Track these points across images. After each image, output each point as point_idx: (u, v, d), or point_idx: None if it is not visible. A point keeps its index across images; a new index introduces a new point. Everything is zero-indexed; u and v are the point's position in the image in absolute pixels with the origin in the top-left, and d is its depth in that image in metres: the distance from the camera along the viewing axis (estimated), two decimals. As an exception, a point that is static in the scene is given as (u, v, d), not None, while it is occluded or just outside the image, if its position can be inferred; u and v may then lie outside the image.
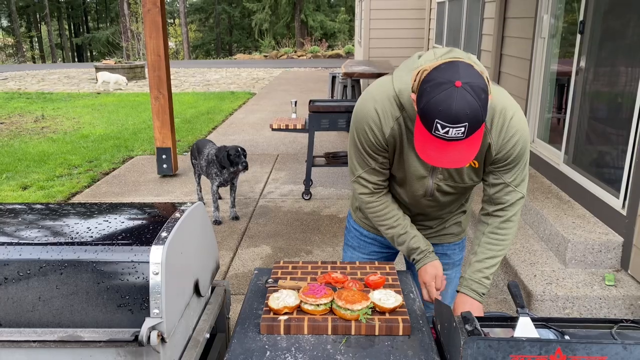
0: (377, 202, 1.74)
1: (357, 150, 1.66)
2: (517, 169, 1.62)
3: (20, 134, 8.23)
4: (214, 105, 10.90)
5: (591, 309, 2.99)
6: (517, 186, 1.65)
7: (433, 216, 1.84)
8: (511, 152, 1.57)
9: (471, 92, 1.30)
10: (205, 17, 38.35)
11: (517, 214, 1.69)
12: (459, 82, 1.30)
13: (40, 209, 1.75)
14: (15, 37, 35.47)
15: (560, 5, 4.48)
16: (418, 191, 1.71)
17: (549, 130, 4.73)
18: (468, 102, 1.29)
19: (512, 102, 1.58)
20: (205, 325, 1.64)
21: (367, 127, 1.59)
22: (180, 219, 1.53)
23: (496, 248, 1.69)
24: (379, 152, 1.63)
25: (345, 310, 1.42)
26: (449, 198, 1.75)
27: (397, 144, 1.61)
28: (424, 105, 1.33)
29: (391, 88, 1.57)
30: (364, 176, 1.70)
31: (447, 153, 1.38)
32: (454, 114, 1.29)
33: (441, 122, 1.31)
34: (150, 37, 5.28)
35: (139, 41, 23.34)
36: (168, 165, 5.74)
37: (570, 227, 3.42)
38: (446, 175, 1.65)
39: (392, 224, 1.75)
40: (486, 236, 1.70)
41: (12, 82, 15.53)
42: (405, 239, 1.75)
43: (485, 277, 1.68)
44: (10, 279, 1.36)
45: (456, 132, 1.32)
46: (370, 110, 1.58)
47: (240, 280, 3.56)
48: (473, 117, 1.31)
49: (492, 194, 1.67)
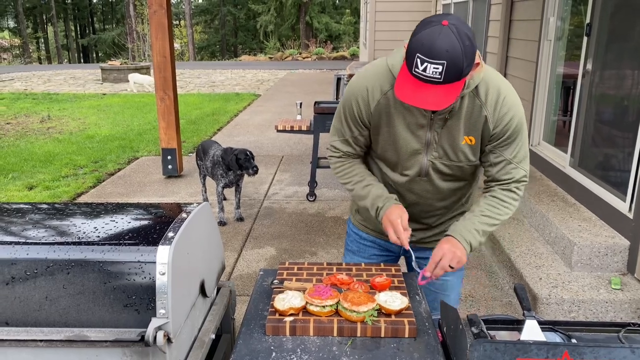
0: (345, 162, 1.79)
1: (338, 119, 1.74)
2: (516, 144, 1.63)
3: (26, 134, 8.27)
4: (219, 106, 10.92)
5: (597, 313, 2.98)
6: (519, 163, 1.66)
7: (432, 207, 1.80)
8: (508, 126, 1.59)
9: (456, 33, 1.35)
10: (211, 19, 38.47)
11: (520, 189, 1.69)
12: (446, 21, 1.36)
13: (47, 208, 1.76)
14: (22, 38, 35.67)
15: (567, 7, 4.47)
16: (412, 169, 1.69)
17: (554, 133, 4.71)
18: (450, 41, 1.34)
19: (506, 83, 1.63)
20: (210, 325, 1.64)
21: (354, 101, 1.67)
22: (187, 220, 1.53)
23: (493, 210, 1.67)
24: (358, 125, 1.69)
25: (351, 312, 1.42)
26: (446, 183, 1.73)
27: (384, 118, 1.64)
28: (411, 41, 1.40)
29: (384, 64, 1.64)
30: (336, 144, 1.77)
31: (422, 93, 1.41)
32: (435, 48, 1.34)
33: (421, 56, 1.36)
34: (156, 38, 5.30)
35: (144, 42, 23.43)
36: (173, 166, 5.75)
37: (576, 230, 3.41)
38: (441, 152, 1.65)
39: (357, 180, 1.76)
40: (487, 198, 1.70)
41: (19, 82, 15.61)
42: (369, 189, 1.73)
43: (476, 229, 1.64)
44: (17, 278, 1.37)
45: (434, 70, 1.36)
46: (360, 86, 1.65)
47: (244, 281, 3.56)
48: (452, 57, 1.35)
49: (495, 173, 1.67)
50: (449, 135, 1.62)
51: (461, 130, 1.62)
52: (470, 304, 3.25)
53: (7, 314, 1.37)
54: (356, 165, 1.78)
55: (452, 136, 1.62)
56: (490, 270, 3.69)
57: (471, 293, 3.38)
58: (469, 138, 1.62)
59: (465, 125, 1.61)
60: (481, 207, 1.69)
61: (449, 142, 1.63)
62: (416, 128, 1.63)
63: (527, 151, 1.68)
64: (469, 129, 1.62)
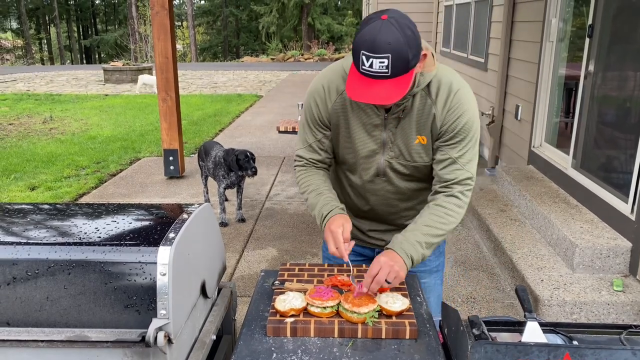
0: (307, 171, 1.77)
1: (301, 125, 1.75)
2: (464, 145, 1.59)
3: (28, 135, 8.28)
4: (221, 107, 10.93)
5: (599, 315, 2.97)
6: (465, 164, 1.60)
7: (397, 208, 1.78)
8: (456, 124, 1.56)
9: (396, 25, 1.37)
10: (213, 20, 38.51)
11: (464, 193, 1.61)
12: (385, 15, 1.38)
13: (48, 209, 1.76)
14: (25, 39, 35.76)
15: (569, 9, 4.46)
16: (370, 170, 1.70)
17: (556, 135, 4.70)
18: (392, 33, 1.36)
19: (460, 80, 1.61)
20: (211, 326, 1.64)
21: (312, 101, 1.68)
22: (188, 220, 1.53)
23: (436, 219, 1.59)
24: (319, 127, 1.70)
25: (352, 313, 1.41)
26: (406, 183, 1.72)
27: (342, 118, 1.65)
28: (355, 40, 1.41)
29: (339, 65, 1.65)
30: (301, 153, 1.77)
31: (372, 89, 1.42)
32: (377, 43, 1.35)
33: (365, 52, 1.38)
34: (158, 39, 5.31)
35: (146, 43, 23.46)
36: (175, 166, 5.76)
37: (578, 231, 3.40)
38: (397, 152, 1.65)
39: (312, 189, 1.73)
40: (429, 208, 1.62)
41: (21, 83, 15.65)
42: (319, 198, 1.69)
43: (418, 242, 1.55)
44: (18, 278, 1.37)
45: (380, 64, 1.37)
46: (318, 86, 1.67)
47: (246, 282, 3.56)
48: (396, 49, 1.36)
49: (438, 171, 1.63)
50: (403, 135, 1.63)
51: (413, 129, 1.62)
52: (471, 305, 3.25)
53: (8, 314, 1.38)
54: (315, 175, 1.75)
55: (406, 135, 1.63)
56: (492, 272, 3.68)
57: (472, 295, 3.38)
58: (421, 137, 1.62)
59: (417, 124, 1.61)
60: (424, 218, 1.61)
61: (404, 142, 1.63)
62: (371, 128, 1.63)
63: (476, 154, 1.63)
64: (420, 128, 1.61)
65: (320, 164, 1.76)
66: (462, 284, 3.51)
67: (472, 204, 4.50)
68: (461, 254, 3.97)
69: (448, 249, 4.05)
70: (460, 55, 7.96)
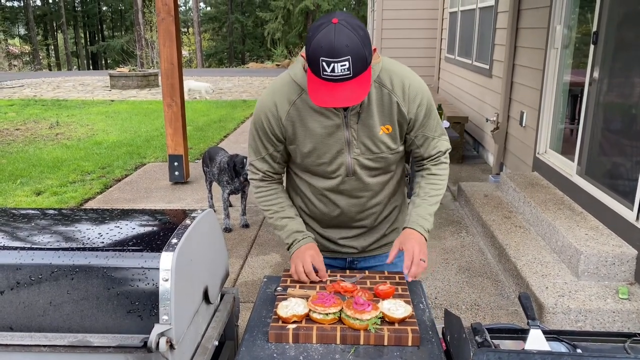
0: (265, 187, 1.80)
1: (252, 138, 1.76)
2: (433, 120, 1.73)
3: (35, 140, 8.33)
4: (226, 113, 10.97)
5: (604, 323, 2.95)
6: (441, 136, 1.77)
7: (366, 206, 1.79)
8: (421, 107, 1.67)
9: (348, 26, 1.39)
10: (219, 26, 38.71)
11: (447, 158, 1.81)
12: (335, 19, 1.40)
13: (53, 214, 1.77)
14: (32, 45, 36.06)
15: (574, 15, 4.46)
16: (339, 171, 1.70)
17: (561, 141, 4.69)
18: (347, 35, 1.38)
19: (406, 67, 1.70)
20: (214, 332, 1.64)
21: (263, 116, 1.69)
22: (191, 226, 1.54)
23: (436, 187, 1.77)
24: (271, 141, 1.71)
25: (354, 320, 1.41)
26: (374, 179, 1.74)
27: (299, 127, 1.66)
28: (310, 48, 1.42)
29: (286, 75, 1.68)
30: (255, 164, 1.78)
31: (338, 92, 1.43)
32: (335, 46, 1.38)
33: (325, 58, 1.39)
34: (164, 45, 5.34)
35: (152, 49, 23.60)
36: (180, 172, 5.77)
37: (583, 239, 3.39)
38: (362, 148, 1.67)
39: (276, 210, 1.79)
40: (425, 179, 1.79)
41: (28, 89, 15.76)
42: (287, 222, 1.77)
43: (429, 213, 1.74)
44: (22, 283, 1.37)
45: (342, 67, 1.39)
46: (268, 102, 1.68)
47: (249, 288, 3.56)
48: (354, 50, 1.39)
49: (423, 153, 1.77)
50: (366, 129, 1.65)
51: (376, 121, 1.65)
52: (475, 312, 3.23)
53: (11, 319, 1.38)
54: (277, 194, 1.80)
55: (369, 129, 1.65)
56: (496, 279, 3.67)
57: (477, 302, 3.36)
58: (385, 127, 1.66)
59: (379, 115, 1.65)
60: (425, 189, 1.77)
61: (368, 136, 1.65)
62: (333, 129, 1.64)
63: (441, 123, 1.78)
64: (383, 119, 1.65)
65: (275, 176, 1.80)
66: (466, 291, 3.49)
67: (477, 210, 4.49)
68: (465, 261, 3.95)
69: (452, 255, 4.04)
70: (464, 61, 7.96)
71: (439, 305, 3.30)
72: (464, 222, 4.68)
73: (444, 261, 3.94)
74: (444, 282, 3.62)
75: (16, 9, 38.25)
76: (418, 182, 1.81)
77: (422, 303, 1.63)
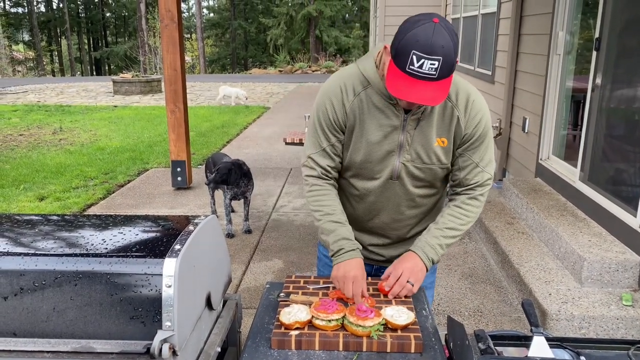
0: (321, 186, 1.72)
1: (313, 129, 1.69)
2: (484, 148, 1.67)
3: (38, 146, 8.36)
4: (229, 119, 10.99)
5: (608, 330, 2.94)
6: (485, 167, 1.69)
7: (403, 216, 1.76)
8: (477, 128, 1.63)
9: (447, 29, 1.39)
10: (222, 33, 38.86)
11: (484, 195, 1.72)
12: (437, 19, 1.39)
13: (56, 220, 1.77)
14: (36, 51, 36.25)
15: (576, 22, 4.47)
16: (384, 172, 1.67)
17: (564, 147, 4.69)
18: (444, 37, 1.38)
19: (472, 86, 1.67)
20: (216, 338, 1.64)
21: (327, 102, 1.64)
22: (194, 232, 1.54)
23: (458, 221, 1.69)
24: (334, 130, 1.66)
25: (357, 327, 1.41)
26: (417, 189, 1.71)
27: (358, 119, 1.63)
28: (402, 39, 1.40)
29: (355, 68, 1.66)
30: (314, 157, 1.70)
31: (417, 89, 1.42)
32: (431, 44, 1.37)
33: (418, 52, 1.38)
34: (168, 51, 5.37)
35: (156, 55, 23.68)
36: (182, 178, 5.78)
37: (586, 245, 3.38)
38: (414, 155, 1.64)
39: (328, 212, 1.69)
40: (450, 209, 1.71)
41: (32, 94, 15.83)
42: (337, 227, 1.67)
43: (439, 244, 1.66)
44: (25, 289, 1.38)
45: (430, 65, 1.38)
46: (334, 86, 1.65)
47: (252, 294, 3.56)
48: (447, 53, 1.38)
49: (462, 177, 1.69)
50: (421, 137, 1.63)
51: (434, 131, 1.63)
52: (478, 319, 3.22)
53: (15, 325, 1.38)
54: (331, 195, 1.72)
55: (425, 137, 1.63)
56: (499, 285, 3.66)
57: (480, 308, 3.35)
58: (441, 140, 1.64)
59: (438, 126, 1.63)
60: (445, 219, 1.70)
61: (422, 144, 1.63)
62: (389, 130, 1.62)
63: (493, 156, 1.71)
64: (441, 131, 1.63)
65: (332, 173, 1.73)
66: (469, 297, 3.48)
67: (480, 217, 4.49)
68: (468, 267, 3.95)
69: (455, 261, 4.03)
70: (467, 67, 7.97)
71: (441, 311, 3.29)
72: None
73: (446, 267, 3.93)
74: (447, 288, 3.61)
75: (20, 15, 38.49)
76: (443, 210, 1.74)
77: (425, 309, 1.62)
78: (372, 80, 1.61)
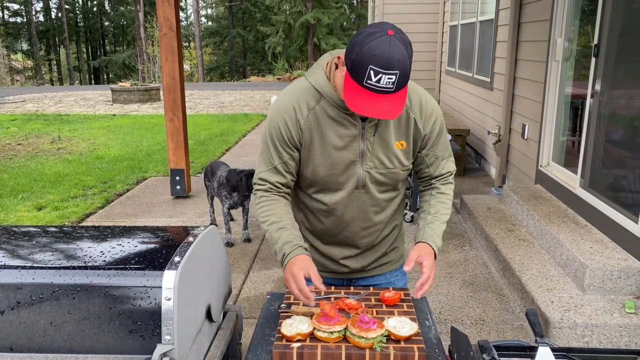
0: (268, 197, 1.69)
1: (265, 147, 1.68)
2: (443, 139, 1.74)
3: (36, 155, 8.34)
4: (228, 127, 10.99)
5: (611, 337, 2.91)
6: (449, 157, 1.79)
7: (370, 222, 1.75)
8: (434, 126, 1.70)
9: (402, 41, 1.39)
10: (220, 41, 38.97)
11: (453, 182, 1.82)
12: (391, 31, 1.38)
13: (54, 232, 1.75)
14: (35, 60, 36.31)
15: (574, 28, 4.48)
16: (349, 182, 1.66)
17: (564, 154, 4.68)
18: (400, 50, 1.37)
19: (419, 86, 1.71)
20: (217, 351, 1.62)
21: (280, 120, 1.63)
22: (193, 244, 1.52)
23: (446, 207, 1.78)
24: (288, 147, 1.64)
25: (360, 338, 1.39)
26: (382, 194, 1.72)
27: (315, 134, 1.62)
28: (358, 53, 1.39)
29: (306, 82, 1.65)
30: (264, 176, 1.69)
31: (376, 103, 1.42)
32: (388, 58, 1.36)
33: (375, 67, 1.37)
34: (166, 60, 5.36)
35: (154, 64, 23.72)
36: (181, 186, 5.77)
37: (588, 252, 3.36)
38: (376, 161, 1.65)
39: (274, 220, 1.65)
40: (435, 197, 1.79)
41: (31, 104, 15.82)
42: (281, 233, 1.62)
43: (439, 232, 1.73)
44: (22, 303, 1.36)
45: (388, 80, 1.38)
46: (287, 104, 1.63)
47: (251, 304, 3.53)
48: (404, 66, 1.38)
49: (433, 172, 1.77)
50: (381, 143, 1.64)
51: (392, 136, 1.64)
52: (480, 327, 3.20)
53: (11, 339, 1.36)
54: (278, 204, 1.68)
55: (385, 143, 1.64)
56: (501, 293, 3.63)
57: (481, 316, 3.33)
58: (400, 143, 1.66)
59: (396, 130, 1.65)
60: (435, 207, 1.77)
61: (383, 150, 1.65)
62: (349, 139, 1.62)
63: (449, 142, 1.80)
64: (399, 134, 1.66)
65: (283, 189, 1.71)
66: (470, 306, 3.46)
67: (480, 223, 4.47)
68: (469, 275, 3.92)
69: (455, 269, 4.01)
70: (465, 74, 7.99)
71: (443, 320, 3.27)
72: (467, 236, 4.65)
73: (447, 275, 3.91)
74: (448, 296, 3.59)
75: (19, 24, 38.58)
76: (427, 200, 1.80)
77: (428, 320, 1.60)
78: (325, 92, 1.60)
